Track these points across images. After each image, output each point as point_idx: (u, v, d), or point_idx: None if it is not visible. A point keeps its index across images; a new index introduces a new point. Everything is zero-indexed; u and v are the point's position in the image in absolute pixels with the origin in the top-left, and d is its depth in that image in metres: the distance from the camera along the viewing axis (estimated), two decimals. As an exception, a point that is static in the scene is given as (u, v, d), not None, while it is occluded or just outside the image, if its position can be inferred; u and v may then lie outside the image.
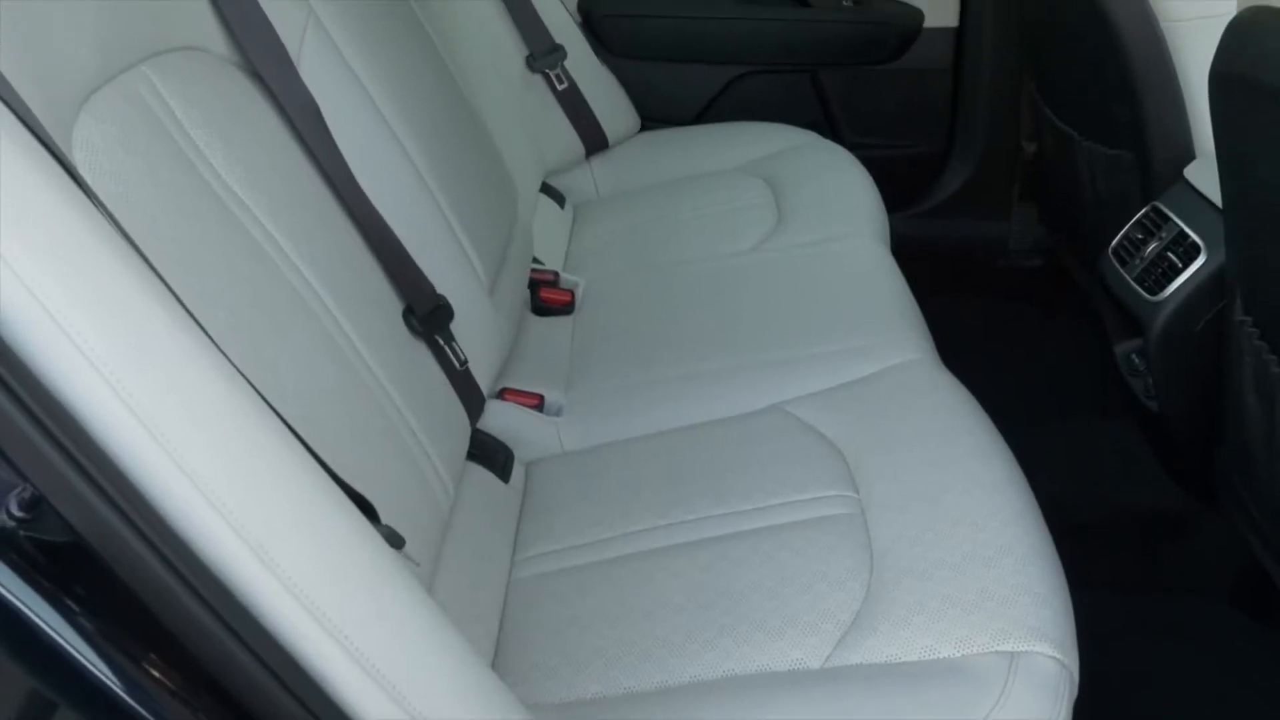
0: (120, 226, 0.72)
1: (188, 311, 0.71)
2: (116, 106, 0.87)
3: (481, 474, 1.30)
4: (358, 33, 1.32)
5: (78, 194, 0.67)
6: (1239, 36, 1.03)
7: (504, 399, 1.45)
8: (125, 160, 0.84)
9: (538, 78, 2.07)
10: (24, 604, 0.58)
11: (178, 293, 0.72)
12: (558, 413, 1.46)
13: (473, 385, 1.32)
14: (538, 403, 1.46)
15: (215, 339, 0.73)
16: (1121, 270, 1.51)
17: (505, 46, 2.03)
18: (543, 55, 2.06)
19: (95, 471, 0.60)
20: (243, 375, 0.72)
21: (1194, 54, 1.46)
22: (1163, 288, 1.42)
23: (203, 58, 1.03)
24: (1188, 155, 1.50)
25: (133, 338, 0.65)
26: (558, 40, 2.08)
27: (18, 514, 0.58)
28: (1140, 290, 1.46)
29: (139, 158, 0.86)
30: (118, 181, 0.82)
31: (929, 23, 2.24)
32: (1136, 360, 1.54)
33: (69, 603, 0.60)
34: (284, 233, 1.01)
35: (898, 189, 2.12)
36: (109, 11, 0.91)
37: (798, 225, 1.80)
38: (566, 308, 1.69)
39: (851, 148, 2.09)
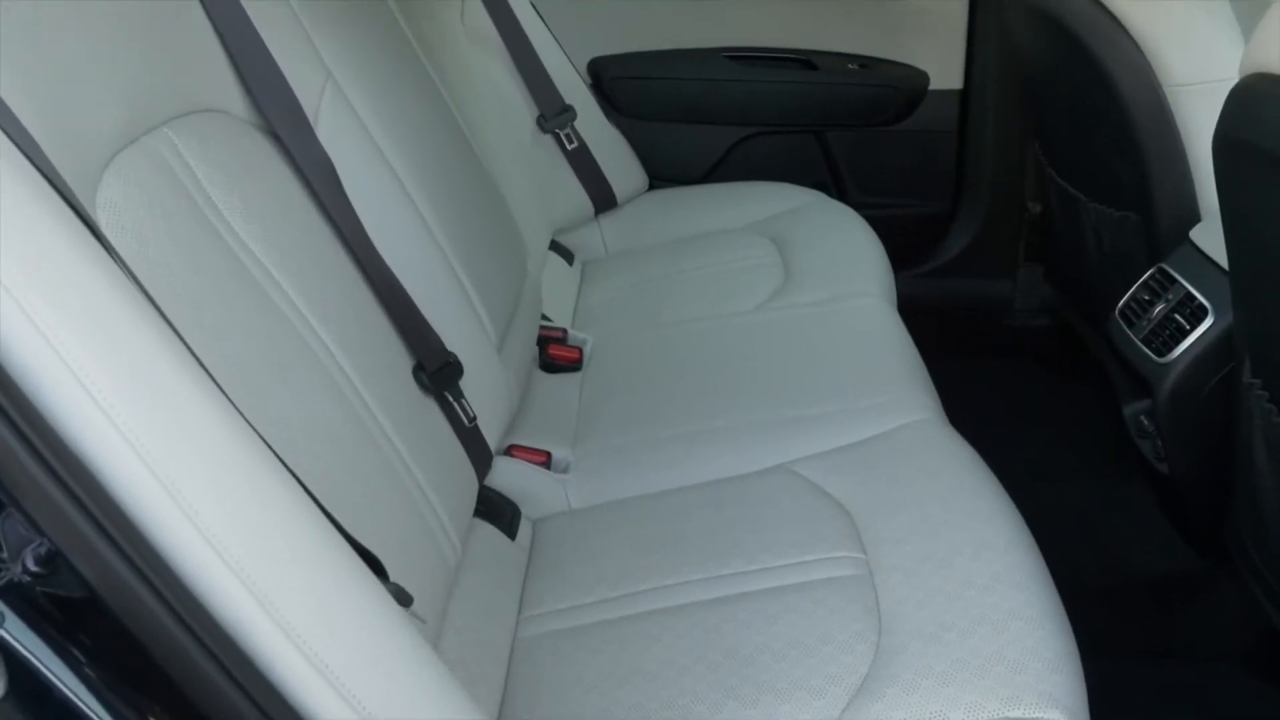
0: (140, 284, 0.73)
1: (203, 368, 0.72)
2: (139, 167, 0.89)
3: (488, 531, 1.30)
4: (373, 94, 1.34)
5: (100, 252, 0.69)
6: (1241, 103, 1.04)
7: (511, 456, 1.45)
8: (146, 219, 0.86)
9: (548, 137, 2.11)
10: (38, 659, 0.58)
11: (194, 348, 0.73)
12: (565, 470, 1.46)
13: (481, 442, 1.32)
14: (545, 460, 1.46)
15: (229, 394, 0.73)
16: (1129, 331, 1.51)
17: (517, 107, 2.06)
18: (553, 116, 2.10)
19: (111, 527, 0.60)
20: (255, 431, 0.73)
21: (1197, 117, 1.48)
22: (1170, 349, 1.42)
23: (223, 119, 1.05)
24: (1193, 217, 1.51)
25: (149, 394, 0.66)
26: (568, 101, 2.12)
27: (34, 569, 0.59)
28: (1148, 351, 1.46)
29: (160, 217, 0.88)
30: (139, 240, 0.84)
31: (934, 85, 2.28)
32: (1145, 421, 1.54)
33: (81, 657, 0.60)
34: (298, 289, 1.03)
35: (904, 248, 2.14)
36: (135, 75, 0.93)
37: (805, 284, 1.81)
38: (574, 365, 1.70)
39: (858, 207, 2.11)
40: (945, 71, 2.27)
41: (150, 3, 0.99)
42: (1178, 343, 1.42)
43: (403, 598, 0.91)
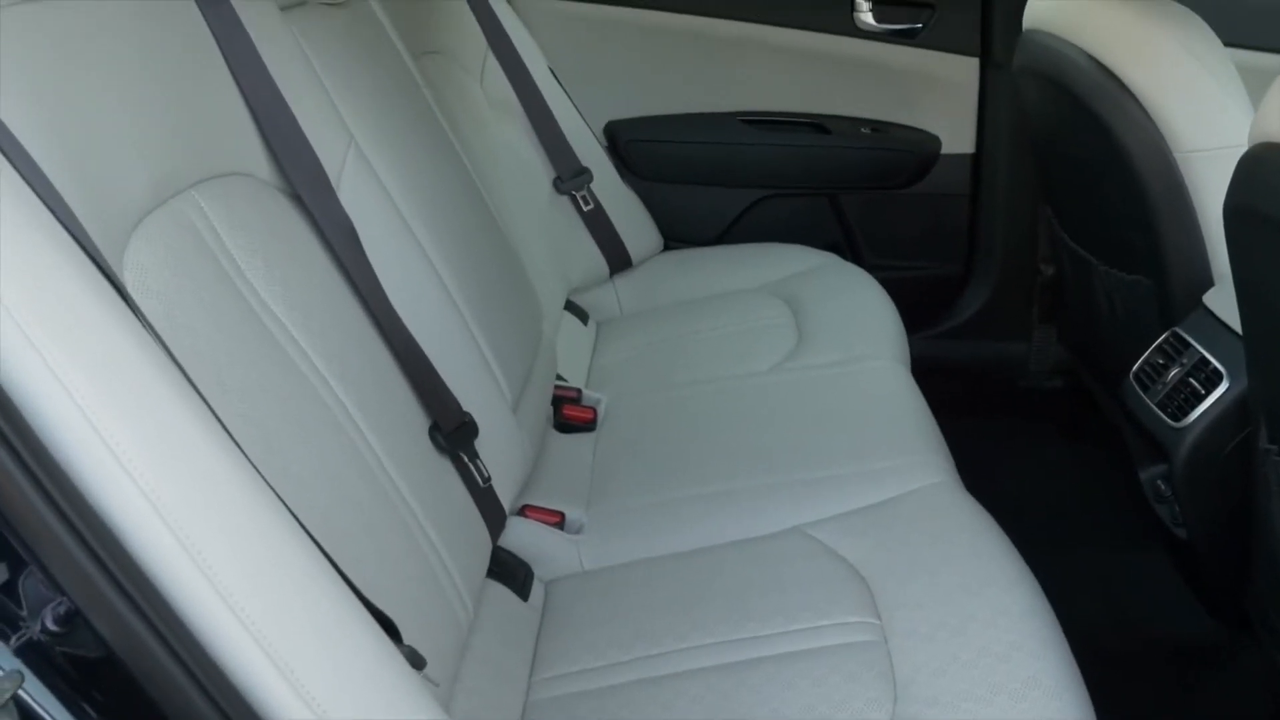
0: (164, 344, 0.74)
1: (224, 427, 0.73)
2: (166, 229, 0.90)
3: (501, 592, 1.30)
4: (394, 158, 1.37)
5: (126, 313, 0.70)
6: (1249, 171, 1.05)
7: (525, 516, 1.45)
8: (171, 281, 0.87)
9: (564, 199, 2.14)
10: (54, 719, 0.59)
11: (215, 408, 0.74)
12: (578, 531, 1.46)
13: (495, 502, 1.32)
14: (559, 520, 1.46)
15: (249, 453, 0.74)
16: (1143, 395, 1.51)
17: (534, 170, 2.10)
18: (570, 178, 2.13)
19: (130, 585, 0.61)
20: (274, 490, 0.73)
21: (1209, 182, 1.48)
22: (1186, 414, 1.42)
23: (248, 182, 1.07)
24: (1206, 282, 1.51)
25: (170, 452, 0.66)
26: (584, 163, 2.15)
27: (53, 628, 0.59)
28: (1163, 416, 1.45)
29: (184, 279, 0.89)
30: (163, 301, 0.85)
31: (946, 149, 2.31)
32: (1162, 486, 1.53)
33: (96, 716, 0.60)
34: (318, 350, 1.04)
35: (917, 310, 2.15)
36: (165, 140, 0.95)
37: (818, 346, 1.82)
38: (589, 425, 1.71)
39: (871, 269, 2.12)
40: (957, 135, 2.30)
41: (181, 68, 1.02)
42: (1193, 407, 1.41)
43: (416, 660, 0.91)
